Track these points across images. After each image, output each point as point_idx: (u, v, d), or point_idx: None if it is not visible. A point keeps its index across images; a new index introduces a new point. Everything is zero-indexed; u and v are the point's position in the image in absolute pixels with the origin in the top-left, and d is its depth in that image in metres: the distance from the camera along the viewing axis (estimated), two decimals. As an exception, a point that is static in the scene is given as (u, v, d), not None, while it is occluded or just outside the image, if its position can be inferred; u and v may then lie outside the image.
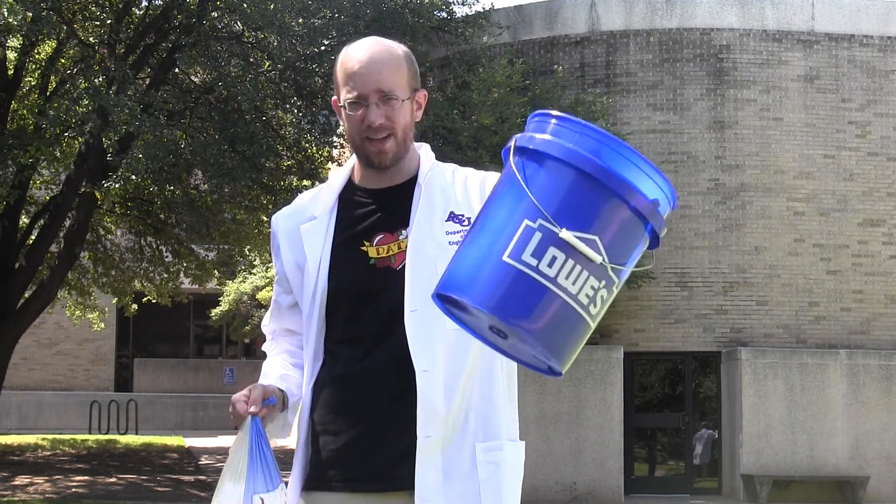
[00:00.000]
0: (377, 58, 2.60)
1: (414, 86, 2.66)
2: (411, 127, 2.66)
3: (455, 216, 2.63)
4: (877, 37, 17.41)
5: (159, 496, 14.87)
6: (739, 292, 16.88)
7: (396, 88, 2.59)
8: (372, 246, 2.63)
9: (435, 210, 2.63)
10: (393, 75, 2.59)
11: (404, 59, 2.64)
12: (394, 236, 2.63)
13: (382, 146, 2.61)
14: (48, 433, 26.04)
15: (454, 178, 2.71)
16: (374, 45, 2.63)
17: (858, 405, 16.34)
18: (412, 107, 2.65)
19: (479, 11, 17.56)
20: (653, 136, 17.18)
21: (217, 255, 23.09)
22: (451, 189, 2.67)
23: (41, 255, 18.47)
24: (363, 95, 2.58)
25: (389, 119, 2.59)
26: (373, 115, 2.57)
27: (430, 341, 2.53)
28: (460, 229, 2.61)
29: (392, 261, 2.60)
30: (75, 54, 17.38)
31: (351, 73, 2.60)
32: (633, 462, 17.10)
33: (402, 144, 2.63)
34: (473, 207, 2.61)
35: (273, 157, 17.59)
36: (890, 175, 17.25)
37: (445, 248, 2.56)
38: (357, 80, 2.58)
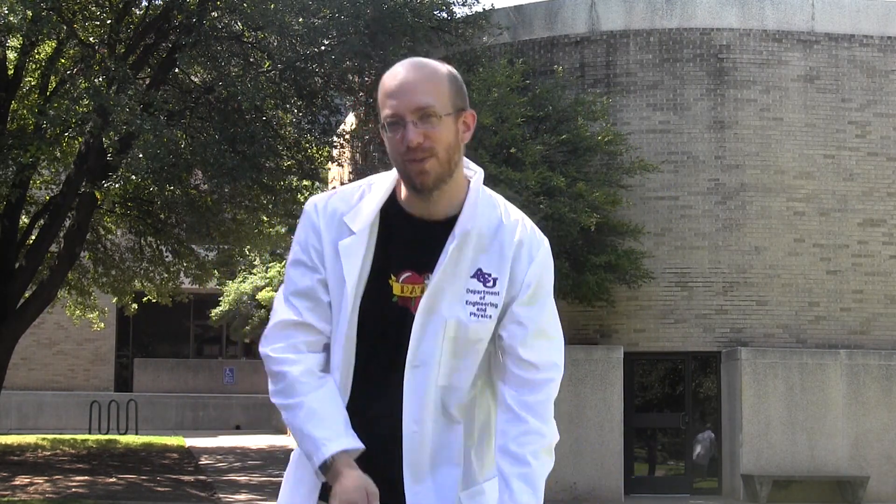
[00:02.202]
0: (415, 75, 2.53)
1: (459, 104, 2.53)
2: (457, 148, 2.53)
3: (482, 274, 2.55)
4: (877, 37, 17.41)
5: (159, 496, 14.86)
6: (739, 292, 16.88)
7: (436, 105, 2.49)
8: (397, 282, 2.58)
9: (462, 265, 2.54)
10: (432, 92, 2.50)
11: (446, 77, 2.55)
12: (420, 278, 2.57)
13: (423, 166, 2.48)
14: (48, 433, 26.03)
15: (500, 226, 2.58)
16: (413, 63, 2.57)
17: (858, 405, 16.33)
18: (457, 126, 2.53)
19: (479, 12, 17.56)
20: (653, 136, 17.17)
21: (217, 255, 23.11)
22: (489, 241, 2.56)
23: (41, 255, 18.47)
24: (400, 114, 2.48)
25: (429, 137, 2.47)
26: (410, 134, 2.46)
27: (421, 403, 2.55)
28: (483, 290, 2.54)
29: (412, 303, 2.58)
30: (75, 54, 17.39)
31: (389, 91, 2.51)
32: (633, 462, 17.10)
33: (445, 165, 2.51)
34: (503, 269, 2.55)
35: (273, 157, 17.59)
36: (890, 175, 17.25)
37: (461, 305, 2.54)
38: (395, 99, 2.50)
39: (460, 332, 2.54)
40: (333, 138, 18.36)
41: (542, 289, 2.60)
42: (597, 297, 15.89)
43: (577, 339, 16.86)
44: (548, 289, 2.62)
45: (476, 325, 2.55)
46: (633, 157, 16.42)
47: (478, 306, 2.55)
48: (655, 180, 16.94)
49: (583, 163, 15.99)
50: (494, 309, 2.56)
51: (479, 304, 2.55)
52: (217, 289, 30.67)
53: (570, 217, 14.81)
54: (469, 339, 2.56)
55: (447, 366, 2.56)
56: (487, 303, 2.56)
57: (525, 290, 2.58)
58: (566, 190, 15.04)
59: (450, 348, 2.55)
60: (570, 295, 15.72)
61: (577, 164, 15.78)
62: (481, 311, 2.56)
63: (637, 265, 15.88)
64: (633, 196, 16.65)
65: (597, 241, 15.79)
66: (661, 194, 17.04)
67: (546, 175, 14.89)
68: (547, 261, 2.62)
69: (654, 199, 17.03)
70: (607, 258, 15.44)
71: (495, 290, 2.56)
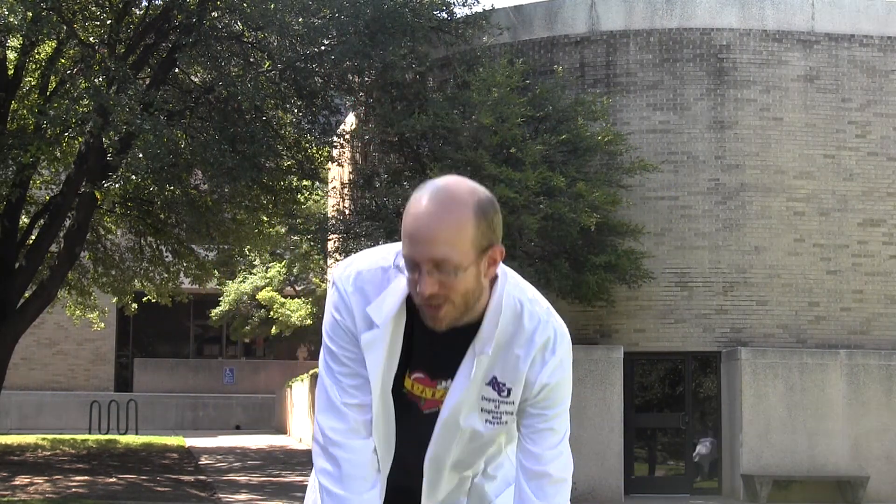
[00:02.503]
0: (438, 220, 2.30)
1: (484, 245, 2.34)
2: (477, 290, 2.39)
3: (496, 383, 2.52)
4: (877, 37, 17.41)
5: (159, 496, 14.86)
6: (739, 292, 16.87)
7: (455, 257, 2.30)
8: (409, 378, 2.58)
9: (479, 374, 2.51)
10: (452, 242, 2.29)
11: (472, 217, 2.32)
12: (432, 382, 2.56)
13: (436, 313, 2.37)
14: (48, 433, 26.03)
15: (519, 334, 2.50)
16: (439, 202, 2.32)
17: (858, 405, 16.33)
18: (478, 270, 2.36)
19: (479, 12, 17.56)
20: (653, 136, 17.17)
21: (217, 255, 23.12)
22: (505, 351, 2.50)
23: (41, 255, 18.47)
24: (417, 261, 2.32)
25: (445, 287, 2.33)
26: (424, 285, 2.33)
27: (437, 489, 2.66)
28: (496, 398, 2.52)
29: (421, 402, 2.59)
30: (75, 54, 17.39)
31: (408, 232, 2.33)
32: (633, 462, 17.09)
33: (461, 308, 2.39)
34: (518, 380, 2.51)
35: (273, 157, 17.60)
36: (890, 175, 17.25)
37: (476, 413, 2.55)
38: (413, 244, 2.32)
39: (475, 436, 2.60)
40: (333, 138, 18.36)
41: (557, 391, 2.58)
42: (597, 297, 15.89)
43: (577, 339, 16.84)
44: (563, 393, 2.60)
45: (491, 431, 2.59)
46: (633, 157, 16.42)
47: (493, 414, 2.55)
48: (655, 180, 16.94)
49: (583, 163, 15.99)
50: (510, 416, 2.57)
51: (494, 412, 2.55)
52: (217, 289, 30.69)
53: (570, 217, 14.81)
54: (482, 443, 2.63)
55: (464, 451, 2.63)
56: (502, 411, 2.56)
57: (538, 391, 2.55)
58: (566, 190, 15.03)
59: (466, 446, 2.62)
60: (570, 295, 15.72)
61: (577, 164, 15.78)
62: (496, 419, 2.57)
63: (637, 265, 15.88)
64: (633, 196, 16.64)
65: (597, 241, 15.79)
66: (661, 194, 17.04)
67: (546, 175, 14.89)
68: (564, 362, 2.57)
69: (654, 199, 17.03)
70: (607, 258, 15.43)
71: (510, 399, 2.54)
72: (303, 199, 20.14)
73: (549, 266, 15.49)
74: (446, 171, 15.00)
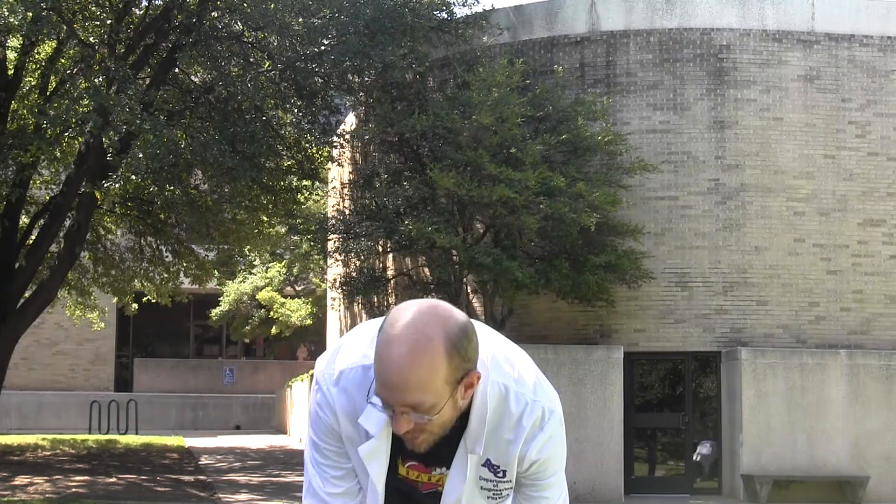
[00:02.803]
0: (407, 368, 2.23)
1: (459, 377, 2.29)
2: (455, 416, 2.37)
3: (491, 465, 2.52)
4: (877, 37, 17.41)
5: (159, 496, 14.86)
6: (739, 292, 16.87)
7: (428, 400, 2.27)
8: (402, 466, 2.58)
9: (474, 461, 2.51)
10: (423, 387, 2.25)
11: (444, 356, 2.25)
12: (427, 469, 2.56)
13: (414, 441, 2.37)
14: (48, 433, 26.03)
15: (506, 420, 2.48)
16: (407, 345, 2.24)
17: (858, 405, 16.33)
18: (454, 399, 2.32)
19: (479, 12, 17.57)
20: (653, 136, 17.17)
21: (217, 255, 23.12)
22: (494, 434, 2.48)
23: (41, 255, 18.47)
24: (389, 405, 2.29)
25: (419, 425, 2.32)
26: (397, 426, 2.30)
27: None
28: (494, 479, 2.53)
29: (419, 485, 2.60)
30: (75, 54, 17.38)
31: (379, 376, 2.28)
32: (633, 462, 17.09)
33: (438, 435, 2.39)
34: (511, 462, 2.52)
35: (273, 157, 17.61)
36: (890, 175, 17.24)
37: (477, 492, 2.57)
38: (383, 387, 2.28)
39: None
40: (333, 138, 18.36)
41: (547, 465, 2.57)
42: (597, 297, 15.89)
43: (577, 339, 16.86)
44: (555, 466, 2.59)
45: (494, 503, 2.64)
46: (633, 157, 16.42)
47: (493, 492, 2.57)
48: (655, 180, 16.93)
49: (583, 163, 15.99)
50: (508, 490, 2.60)
51: (494, 490, 2.58)
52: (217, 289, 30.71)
53: (570, 217, 14.80)
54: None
55: None
56: (501, 489, 2.58)
57: (528, 466, 2.55)
58: (566, 190, 15.03)
59: None
60: (570, 295, 15.72)
61: (577, 164, 15.78)
62: (497, 495, 2.59)
63: (637, 265, 15.88)
64: (633, 196, 16.64)
65: (597, 241, 15.79)
66: (661, 194, 17.04)
67: (546, 175, 14.89)
68: (554, 437, 2.53)
69: (654, 199, 17.03)
70: (607, 258, 15.43)
71: (506, 479, 2.56)
72: (303, 199, 20.15)
73: (549, 266, 15.49)
74: (446, 171, 15.04)
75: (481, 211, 15.86)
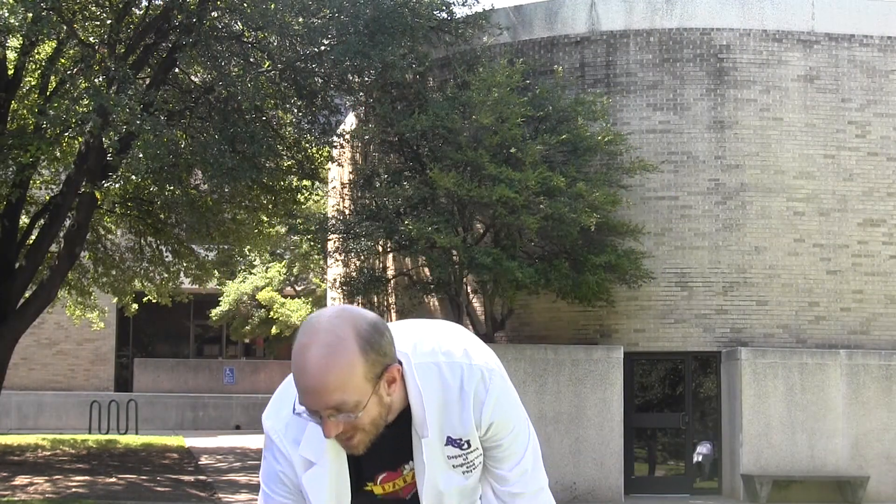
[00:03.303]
0: (324, 370, 2.26)
1: (378, 372, 2.32)
2: (384, 411, 2.39)
3: (453, 441, 2.52)
4: (877, 37, 17.41)
5: (159, 496, 14.86)
6: (739, 292, 16.87)
7: (350, 398, 2.29)
8: (377, 485, 2.59)
9: (434, 445, 2.51)
10: (343, 387, 2.27)
11: (359, 354, 2.29)
12: (397, 472, 2.58)
13: (349, 444, 2.39)
14: (48, 433, 26.03)
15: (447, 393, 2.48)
16: (320, 348, 2.28)
17: (858, 405, 16.33)
18: (379, 395, 2.35)
19: (479, 12, 17.56)
20: (653, 136, 17.17)
21: (217, 255, 23.12)
22: (443, 413, 2.49)
23: (41, 255, 18.47)
24: (314, 410, 2.31)
25: (349, 425, 2.33)
26: (327, 430, 2.32)
27: None
28: (461, 453, 2.53)
29: (401, 492, 2.61)
30: (75, 54, 17.38)
31: (298, 384, 2.31)
32: (633, 462, 17.09)
33: (373, 432, 2.40)
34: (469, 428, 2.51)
35: (273, 157, 17.60)
36: (890, 175, 17.25)
37: (451, 472, 2.55)
38: (304, 395, 2.30)
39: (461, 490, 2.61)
40: (333, 138, 18.36)
41: (506, 423, 2.57)
42: (597, 297, 15.89)
43: (577, 339, 16.86)
44: (513, 422, 2.58)
45: (471, 478, 2.61)
46: (633, 157, 16.42)
47: (465, 465, 2.56)
48: (655, 180, 16.94)
49: (583, 163, 15.99)
50: (479, 459, 2.59)
51: (465, 463, 2.56)
52: (217, 289, 30.70)
53: (570, 217, 14.80)
54: (471, 489, 2.63)
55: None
56: (472, 459, 2.57)
57: (485, 432, 2.55)
58: (566, 190, 15.03)
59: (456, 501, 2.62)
60: (570, 295, 15.72)
61: (577, 164, 15.78)
62: (471, 467, 2.58)
63: (637, 265, 15.88)
64: (633, 196, 16.65)
65: (597, 241, 15.79)
66: (661, 194, 17.04)
67: (546, 175, 14.89)
68: (501, 397, 2.53)
69: (654, 199, 17.03)
70: (607, 258, 15.43)
71: (472, 448, 2.55)
72: (303, 199, 20.15)
73: (549, 266, 15.49)
74: (446, 171, 15.04)
75: (481, 211, 15.86)
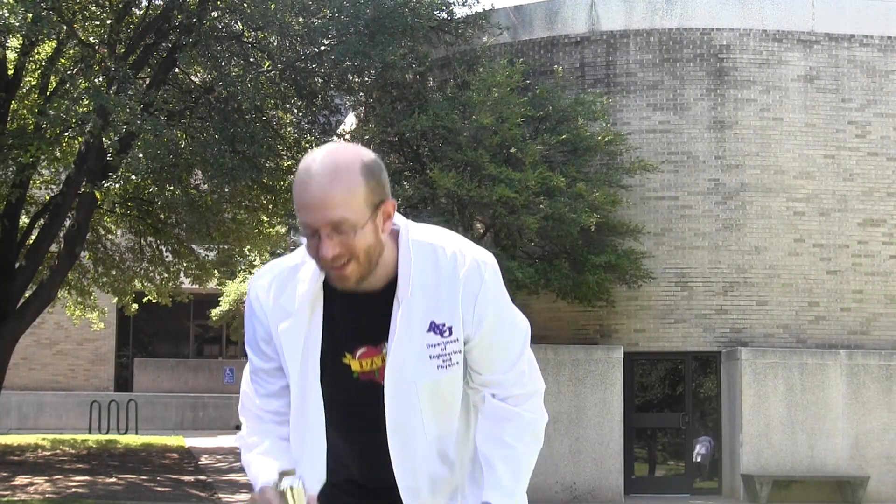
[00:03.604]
0: (326, 186, 2.34)
1: (376, 201, 2.40)
2: (377, 245, 2.43)
3: (436, 326, 2.51)
4: (877, 37, 17.41)
5: (159, 496, 14.86)
6: (739, 292, 16.88)
7: (350, 217, 2.35)
8: (354, 359, 2.56)
9: (414, 323, 2.50)
10: (344, 204, 2.35)
11: (361, 177, 2.37)
12: (377, 349, 2.54)
13: (343, 272, 2.41)
14: (48, 433, 26.03)
15: (438, 273, 2.51)
16: (324, 167, 2.36)
17: (858, 405, 16.33)
18: (375, 225, 2.41)
19: (479, 12, 17.56)
20: (653, 136, 17.17)
21: (217, 255, 23.10)
22: (431, 289, 2.50)
23: (41, 255, 18.46)
24: (313, 228, 2.37)
25: (345, 247, 2.37)
26: (325, 249, 2.37)
27: (413, 460, 2.58)
28: (441, 341, 2.51)
29: (376, 375, 2.56)
30: (75, 54, 17.38)
31: (300, 202, 2.38)
32: (633, 462, 17.09)
33: (366, 265, 2.43)
34: (455, 313, 2.51)
35: (273, 157, 17.59)
36: (890, 175, 17.25)
37: (426, 362, 2.51)
38: (307, 211, 2.37)
39: (433, 388, 2.53)
40: (333, 138, 18.35)
41: (498, 318, 2.57)
42: (597, 297, 15.89)
43: (577, 339, 16.86)
44: (502, 313, 2.58)
45: (446, 377, 2.54)
46: (633, 157, 16.42)
47: (442, 357, 2.52)
48: (655, 180, 16.94)
49: (583, 163, 15.99)
50: (459, 355, 2.54)
51: (443, 355, 2.53)
52: (217, 289, 30.67)
53: (570, 217, 14.81)
54: (443, 390, 2.55)
55: (432, 420, 2.57)
56: (450, 352, 2.53)
57: (479, 327, 2.54)
58: (566, 190, 15.03)
59: (429, 406, 2.55)
60: (570, 295, 15.72)
61: (577, 164, 15.78)
62: (447, 362, 2.53)
63: (637, 265, 15.88)
64: (633, 196, 16.65)
65: (597, 241, 15.79)
66: (661, 194, 17.04)
67: (546, 175, 14.89)
68: (493, 286, 2.55)
69: (654, 199, 17.03)
70: (607, 258, 15.43)
71: (453, 338, 2.52)
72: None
73: (549, 266, 15.49)
74: (446, 171, 15.04)
75: (481, 211, 15.86)
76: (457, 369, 2.55)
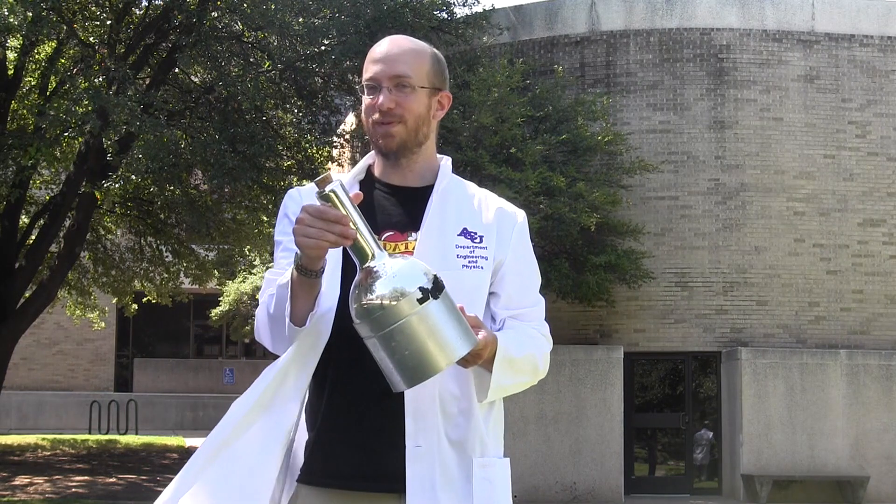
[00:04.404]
0: (399, 46, 2.65)
1: (436, 83, 2.66)
2: (427, 121, 2.64)
3: (468, 232, 2.63)
4: (877, 37, 17.41)
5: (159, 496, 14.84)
6: (739, 292, 16.88)
7: (413, 76, 2.60)
8: (381, 239, 2.56)
9: (448, 221, 2.62)
10: (410, 63, 2.61)
11: (429, 55, 2.66)
12: (403, 236, 2.62)
13: (389, 129, 2.60)
14: (48, 433, 26.03)
15: (475, 196, 2.70)
16: (402, 38, 2.70)
17: (858, 405, 16.33)
18: (430, 101, 2.64)
19: (479, 12, 17.56)
20: (653, 136, 17.18)
21: (217, 255, 23.10)
22: (468, 204, 2.67)
23: (41, 255, 18.46)
24: (378, 79, 2.61)
25: (400, 105, 2.59)
26: (382, 99, 2.59)
27: None
28: (472, 245, 2.61)
29: None
30: (75, 54, 17.37)
31: (373, 58, 2.66)
32: (633, 462, 17.10)
33: (412, 133, 2.61)
34: (490, 230, 2.63)
35: (273, 157, 17.58)
36: (890, 175, 17.25)
37: (452, 261, 2.57)
38: (376, 65, 2.64)
39: (455, 285, 2.47)
40: (333, 138, 18.35)
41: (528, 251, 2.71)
42: (597, 297, 15.89)
43: (577, 339, 16.86)
44: (530, 255, 2.73)
45: (470, 274, 2.59)
46: (633, 157, 16.42)
47: (468, 259, 2.60)
48: (655, 180, 16.94)
49: (583, 163, 15.99)
50: (485, 261, 2.62)
51: (470, 256, 2.61)
52: (217, 289, 30.67)
53: (570, 217, 14.81)
54: (464, 289, 2.53)
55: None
56: (477, 256, 2.61)
57: (512, 251, 2.66)
58: (566, 190, 15.04)
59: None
60: (570, 295, 15.72)
61: (577, 164, 15.78)
62: (472, 263, 2.60)
63: (637, 265, 15.88)
64: (633, 196, 16.65)
65: (597, 241, 15.79)
66: (661, 194, 17.05)
67: (546, 175, 14.89)
68: (526, 229, 2.73)
69: (654, 199, 17.04)
70: (607, 258, 15.44)
71: (483, 245, 2.62)
72: (303, 199, 20.10)
73: (549, 266, 15.49)
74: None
75: (481, 211, 15.85)
76: (481, 273, 2.61)
